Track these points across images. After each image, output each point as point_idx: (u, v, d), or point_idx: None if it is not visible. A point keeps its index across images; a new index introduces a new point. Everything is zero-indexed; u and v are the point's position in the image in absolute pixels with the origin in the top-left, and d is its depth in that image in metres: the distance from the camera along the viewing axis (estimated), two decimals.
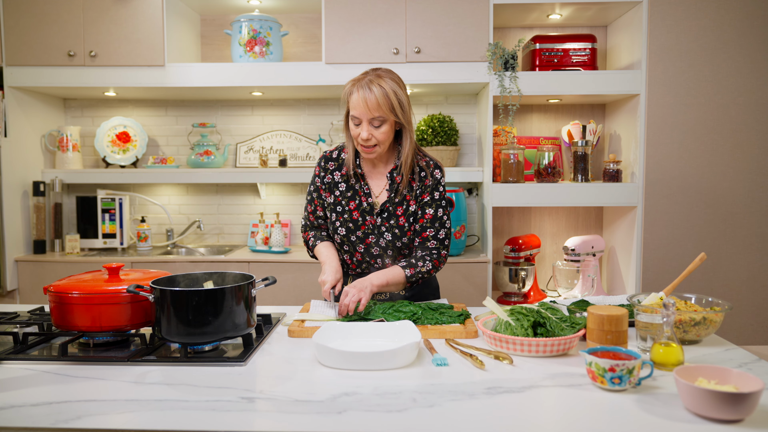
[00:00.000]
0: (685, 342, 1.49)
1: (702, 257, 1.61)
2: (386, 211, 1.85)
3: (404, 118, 1.78)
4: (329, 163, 1.91)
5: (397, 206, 1.86)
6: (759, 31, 2.87)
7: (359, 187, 1.86)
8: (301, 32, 3.45)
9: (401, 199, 1.86)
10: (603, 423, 1.04)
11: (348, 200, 1.86)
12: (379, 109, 1.72)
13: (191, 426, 1.03)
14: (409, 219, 1.86)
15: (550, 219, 3.49)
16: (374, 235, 1.85)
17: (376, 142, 1.77)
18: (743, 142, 2.92)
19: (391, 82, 1.75)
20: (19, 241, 3.13)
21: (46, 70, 3.05)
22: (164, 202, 3.54)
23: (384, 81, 1.74)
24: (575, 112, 3.43)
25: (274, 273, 3.00)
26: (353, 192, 1.87)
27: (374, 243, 1.86)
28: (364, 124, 1.75)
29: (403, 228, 1.86)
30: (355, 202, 1.86)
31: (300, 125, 3.51)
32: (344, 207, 1.86)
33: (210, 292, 1.37)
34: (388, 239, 1.85)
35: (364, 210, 1.86)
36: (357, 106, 1.74)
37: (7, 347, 1.46)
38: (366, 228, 1.85)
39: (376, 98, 1.71)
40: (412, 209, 1.86)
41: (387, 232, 1.85)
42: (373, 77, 1.75)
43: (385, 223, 1.85)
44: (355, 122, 1.77)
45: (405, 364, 1.32)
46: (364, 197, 1.86)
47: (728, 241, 2.95)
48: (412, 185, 1.86)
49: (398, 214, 1.85)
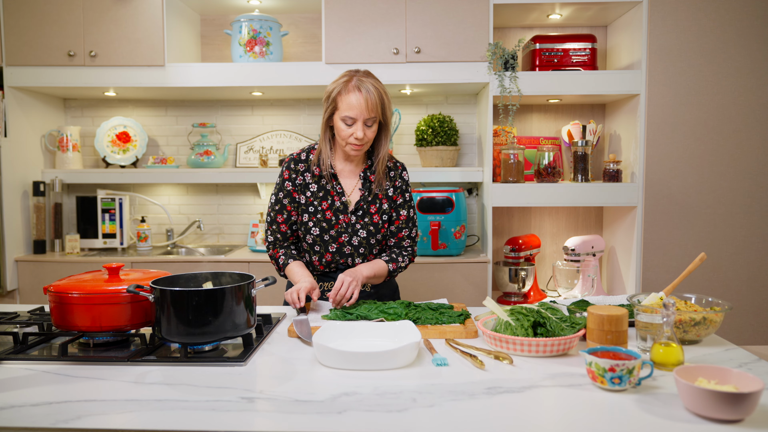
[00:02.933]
0: (685, 342, 1.49)
1: (702, 257, 1.61)
2: (361, 209, 1.89)
3: (387, 118, 1.83)
4: (299, 165, 1.90)
5: (370, 204, 1.89)
6: (759, 31, 2.87)
7: (331, 186, 1.88)
8: (301, 32, 3.45)
9: (374, 197, 1.89)
10: (603, 423, 1.04)
11: (320, 200, 1.88)
12: (376, 109, 1.77)
13: (191, 426, 1.03)
14: (382, 216, 1.90)
15: (550, 219, 3.49)
16: (347, 233, 1.88)
17: (366, 140, 1.81)
18: (743, 142, 2.92)
19: (378, 83, 1.80)
20: (19, 241, 3.13)
21: (46, 70, 3.05)
22: (164, 202, 3.54)
23: (375, 81, 1.79)
24: (575, 112, 3.43)
25: (274, 273, 3.00)
26: (325, 192, 1.88)
27: (347, 242, 1.88)
28: (358, 124, 1.77)
29: (378, 225, 1.90)
30: (328, 201, 1.87)
31: (300, 125, 3.51)
32: (317, 207, 1.88)
33: (210, 292, 1.37)
34: (362, 236, 1.88)
35: (337, 209, 1.88)
36: (354, 106, 1.75)
37: (7, 347, 1.45)
38: (339, 227, 1.87)
39: (374, 98, 1.76)
40: (385, 207, 1.91)
41: (362, 229, 1.88)
42: (364, 77, 1.79)
43: (360, 220, 1.88)
44: (348, 122, 1.78)
45: (405, 364, 1.32)
46: (337, 196, 1.88)
47: (728, 241, 2.95)
48: (382, 184, 1.91)
49: (372, 212, 1.89)
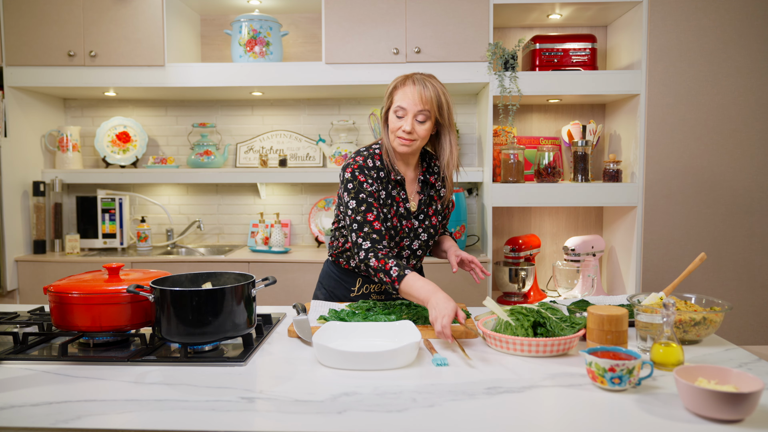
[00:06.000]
0: (685, 342, 1.49)
1: (702, 257, 1.61)
2: (422, 213, 1.89)
3: (448, 120, 1.82)
4: (372, 171, 1.83)
5: (429, 207, 1.91)
6: (759, 31, 2.87)
7: (396, 192, 1.85)
8: (301, 32, 3.45)
9: (430, 200, 1.91)
10: (603, 423, 1.04)
11: (389, 207, 1.85)
12: (429, 103, 1.75)
13: (191, 426, 1.03)
14: (438, 217, 1.92)
15: (550, 219, 3.49)
16: (409, 238, 1.88)
17: (416, 137, 1.78)
18: (743, 142, 2.91)
19: (439, 85, 1.79)
20: (19, 241, 3.13)
21: (46, 70, 3.05)
22: (164, 202, 3.54)
23: (435, 81, 1.79)
24: (575, 112, 3.43)
25: (274, 273, 3.00)
26: (392, 199, 1.85)
27: (407, 246, 1.88)
28: (408, 117, 1.76)
29: (435, 227, 1.92)
30: (394, 208, 1.86)
31: (300, 125, 3.51)
32: (386, 214, 1.84)
33: (210, 292, 1.37)
34: (423, 239, 1.89)
35: (401, 215, 1.86)
36: (406, 97, 1.75)
37: (7, 347, 1.45)
38: (403, 233, 1.87)
39: (429, 93, 1.75)
40: (439, 208, 1.93)
41: (423, 233, 1.89)
42: (425, 75, 1.80)
43: (421, 224, 1.89)
44: (399, 114, 1.77)
45: (405, 364, 1.32)
46: (402, 203, 1.86)
47: (728, 241, 2.95)
48: (435, 185, 1.92)
49: (430, 214, 1.91)
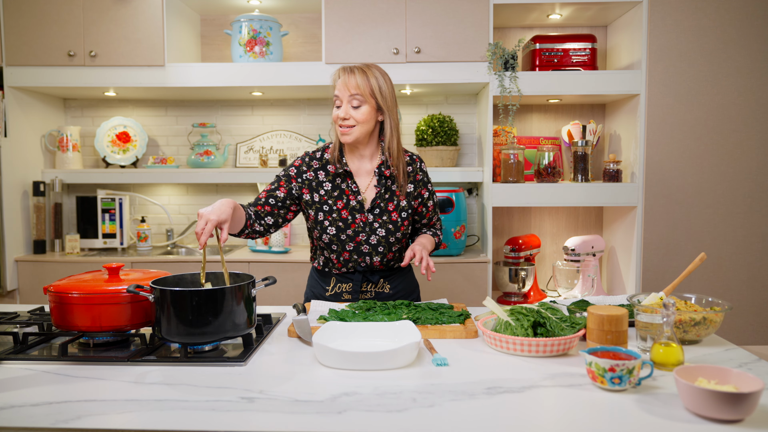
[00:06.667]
0: (685, 342, 1.49)
1: (702, 257, 1.61)
2: (377, 207, 1.87)
3: (384, 104, 1.82)
4: (313, 162, 1.90)
5: (388, 202, 1.87)
6: (759, 31, 2.87)
7: (346, 185, 1.86)
8: (301, 32, 3.45)
9: (391, 195, 1.87)
10: (603, 423, 1.04)
11: (335, 199, 1.86)
12: (358, 88, 1.77)
13: (191, 426, 1.03)
14: (401, 213, 1.88)
15: (550, 219, 3.49)
16: (365, 232, 1.86)
17: (354, 123, 1.79)
18: (743, 142, 2.92)
19: (375, 71, 1.82)
20: (19, 241, 3.13)
21: (46, 70, 3.05)
22: (164, 202, 3.54)
23: (368, 69, 1.81)
24: (575, 112, 3.43)
25: (274, 273, 3.00)
26: (340, 191, 1.86)
27: (364, 241, 1.86)
28: (343, 105, 1.79)
29: (397, 223, 1.87)
30: (343, 200, 1.86)
31: (300, 125, 3.51)
32: (331, 206, 1.86)
33: (210, 292, 1.37)
34: (381, 235, 1.86)
35: (353, 208, 1.86)
36: (339, 86, 1.80)
37: (7, 347, 1.45)
38: (356, 226, 1.85)
39: (356, 79, 1.78)
40: (404, 204, 1.89)
41: (380, 228, 1.86)
42: (361, 65, 1.83)
43: (377, 219, 1.86)
44: (337, 104, 1.81)
45: (405, 364, 1.32)
46: (352, 195, 1.86)
47: (728, 241, 2.95)
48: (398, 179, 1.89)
49: (390, 210, 1.87)
